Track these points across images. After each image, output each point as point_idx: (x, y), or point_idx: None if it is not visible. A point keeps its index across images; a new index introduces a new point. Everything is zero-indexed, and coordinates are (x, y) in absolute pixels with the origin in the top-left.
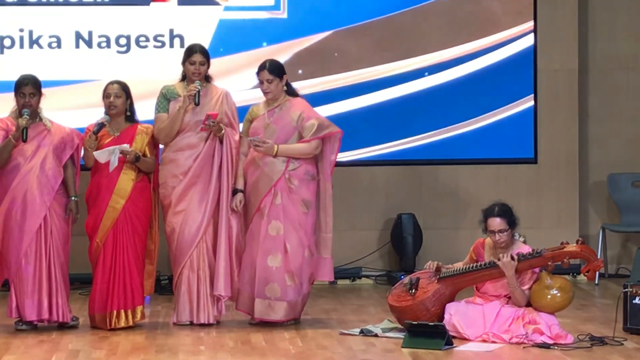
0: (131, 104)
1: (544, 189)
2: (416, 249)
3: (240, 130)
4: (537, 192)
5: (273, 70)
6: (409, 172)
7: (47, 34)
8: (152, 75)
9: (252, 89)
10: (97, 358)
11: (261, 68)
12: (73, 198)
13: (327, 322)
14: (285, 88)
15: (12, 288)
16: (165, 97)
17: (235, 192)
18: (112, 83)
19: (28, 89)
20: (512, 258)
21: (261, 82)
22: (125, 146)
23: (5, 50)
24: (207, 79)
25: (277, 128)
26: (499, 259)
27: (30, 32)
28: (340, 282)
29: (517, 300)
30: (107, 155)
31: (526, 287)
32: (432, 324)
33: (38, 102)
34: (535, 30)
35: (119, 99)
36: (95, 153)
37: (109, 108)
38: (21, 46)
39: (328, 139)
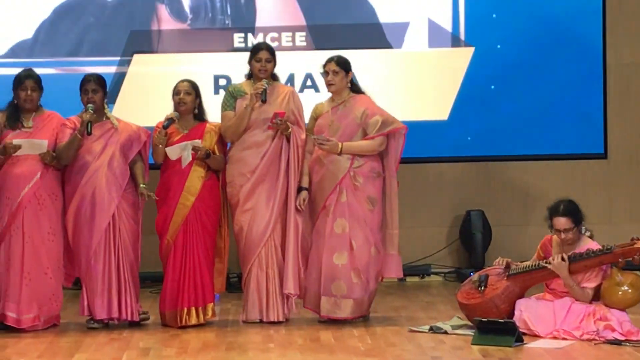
0: (200, 103)
1: (614, 184)
2: (485, 246)
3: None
4: (607, 188)
5: (340, 62)
6: (478, 169)
7: None
8: None
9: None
10: (168, 356)
11: (329, 60)
12: (142, 185)
13: (396, 320)
14: (349, 85)
15: (84, 286)
16: (232, 95)
17: (300, 190)
18: (182, 81)
19: (91, 85)
20: (563, 259)
21: (326, 74)
22: (197, 142)
23: None
24: (274, 77)
25: (341, 125)
26: (548, 262)
27: None
28: (409, 279)
29: (578, 299)
30: (179, 151)
31: (594, 284)
32: (502, 320)
33: (102, 98)
34: (603, 24)
35: (188, 96)
36: (167, 149)
37: (178, 105)
38: None
39: (393, 135)
